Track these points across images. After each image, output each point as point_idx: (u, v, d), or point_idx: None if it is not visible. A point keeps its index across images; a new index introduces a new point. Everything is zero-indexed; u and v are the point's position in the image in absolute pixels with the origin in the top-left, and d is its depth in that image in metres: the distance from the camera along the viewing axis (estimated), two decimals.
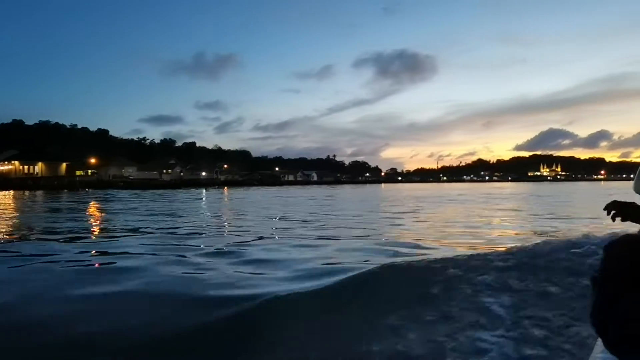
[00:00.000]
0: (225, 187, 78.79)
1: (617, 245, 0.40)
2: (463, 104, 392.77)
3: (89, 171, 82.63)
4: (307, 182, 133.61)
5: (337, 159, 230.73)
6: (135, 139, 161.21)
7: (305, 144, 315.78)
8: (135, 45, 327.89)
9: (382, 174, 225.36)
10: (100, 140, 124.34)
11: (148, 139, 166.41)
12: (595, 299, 0.38)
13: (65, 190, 49.15)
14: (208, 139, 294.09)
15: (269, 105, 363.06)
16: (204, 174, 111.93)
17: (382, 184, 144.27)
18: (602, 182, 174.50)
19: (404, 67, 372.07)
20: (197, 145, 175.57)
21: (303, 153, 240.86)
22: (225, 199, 37.07)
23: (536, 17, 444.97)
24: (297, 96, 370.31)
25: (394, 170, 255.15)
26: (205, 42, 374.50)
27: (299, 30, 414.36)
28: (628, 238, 0.40)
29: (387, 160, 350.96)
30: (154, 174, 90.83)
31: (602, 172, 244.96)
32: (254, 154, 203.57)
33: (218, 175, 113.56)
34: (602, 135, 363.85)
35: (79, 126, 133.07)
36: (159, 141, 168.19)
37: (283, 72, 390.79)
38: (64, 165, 67.42)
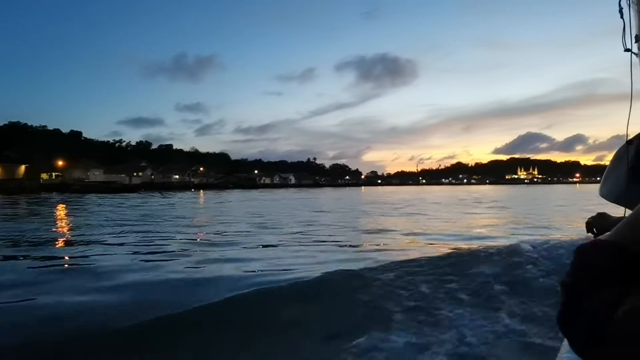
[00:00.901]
0: (201, 190, 77.12)
1: (586, 249, 0.45)
2: (443, 108, 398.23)
3: (54, 174, 80.00)
4: (284, 185, 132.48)
5: (318, 162, 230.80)
6: (110, 141, 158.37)
7: (288, 147, 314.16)
8: (115, 46, 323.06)
9: (363, 177, 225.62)
10: (72, 142, 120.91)
11: (125, 141, 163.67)
12: (563, 301, 0.42)
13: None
14: (189, 142, 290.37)
15: (250, 107, 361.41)
16: (177, 176, 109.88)
17: (363, 187, 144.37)
18: (577, 184, 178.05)
19: (386, 71, 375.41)
20: (175, 147, 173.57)
21: (285, 156, 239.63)
22: (175, 204, 35.57)
23: (515, 23, 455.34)
24: (279, 99, 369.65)
25: (374, 173, 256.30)
26: (186, 44, 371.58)
27: (281, 33, 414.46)
28: (597, 242, 0.45)
29: (368, 163, 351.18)
30: (122, 177, 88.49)
31: (577, 175, 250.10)
32: (235, 156, 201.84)
33: (191, 178, 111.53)
34: (578, 139, 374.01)
35: (50, 127, 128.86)
36: (134, 143, 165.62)
37: (265, 75, 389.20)
38: (22, 167, 64.94)
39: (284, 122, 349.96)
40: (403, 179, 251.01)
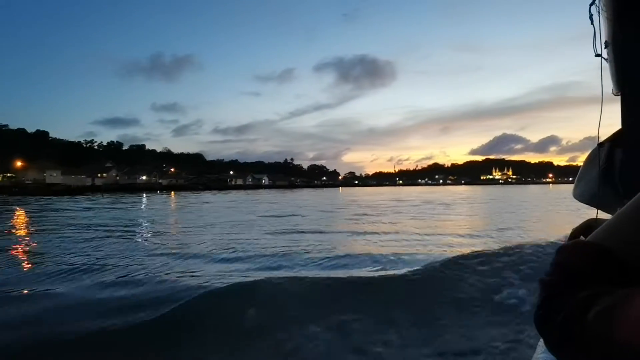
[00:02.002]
0: (169, 192, 74.79)
1: (566, 250, 0.44)
2: (421, 110, 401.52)
3: (9, 175, 76.45)
4: (257, 186, 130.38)
5: (295, 162, 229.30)
6: (82, 141, 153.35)
7: (266, 147, 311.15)
8: (90, 45, 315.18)
9: (340, 177, 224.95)
10: (37, 143, 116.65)
11: (96, 142, 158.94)
12: (540, 299, 0.42)
13: None
14: (165, 142, 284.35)
15: (228, 108, 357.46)
16: (144, 177, 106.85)
17: (340, 188, 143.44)
18: (550, 185, 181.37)
19: (364, 72, 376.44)
20: (148, 148, 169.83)
21: (264, 157, 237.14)
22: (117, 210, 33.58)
23: (490, 27, 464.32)
24: (258, 99, 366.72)
25: (352, 174, 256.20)
26: (163, 43, 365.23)
27: (260, 33, 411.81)
28: (578, 243, 0.45)
29: (348, 165, 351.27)
30: (82, 178, 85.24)
31: (551, 175, 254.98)
32: (213, 157, 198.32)
33: (158, 179, 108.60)
34: (552, 140, 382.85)
35: (13, 127, 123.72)
36: (106, 144, 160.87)
37: (243, 75, 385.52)
38: None
39: (263, 122, 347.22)
40: (380, 179, 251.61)
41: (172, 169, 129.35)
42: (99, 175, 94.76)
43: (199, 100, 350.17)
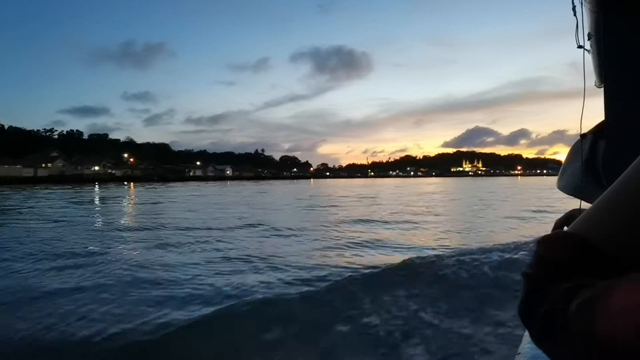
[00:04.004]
0: (117, 184, 71.60)
1: (547, 241, 0.44)
2: (396, 102, 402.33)
3: None
4: (220, 177, 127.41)
5: (268, 153, 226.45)
6: (41, 130, 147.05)
7: (241, 138, 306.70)
8: (56, 30, 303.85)
9: (312, 169, 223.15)
10: None
11: (57, 131, 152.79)
12: (524, 292, 0.42)
13: None
14: (136, 132, 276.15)
15: (202, 97, 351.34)
16: (96, 168, 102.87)
17: (312, 180, 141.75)
18: (519, 177, 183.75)
19: (341, 63, 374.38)
20: (111, 137, 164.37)
21: (239, 148, 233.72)
22: None
23: (463, 21, 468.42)
24: (232, 89, 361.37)
25: (325, 165, 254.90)
26: (133, 30, 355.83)
27: (234, 20, 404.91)
28: (559, 234, 0.45)
29: (323, 156, 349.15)
30: (18, 169, 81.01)
31: (519, 167, 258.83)
32: (187, 147, 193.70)
33: (111, 169, 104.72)
34: (522, 133, 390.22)
35: None
36: (66, 133, 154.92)
37: (217, 63, 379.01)
38: None
39: (237, 113, 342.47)
40: (352, 171, 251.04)
41: (132, 160, 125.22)
42: (44, 165, 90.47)
43: (172, 89, 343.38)
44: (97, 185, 66.59)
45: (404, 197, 31.89)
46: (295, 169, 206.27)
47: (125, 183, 79.66)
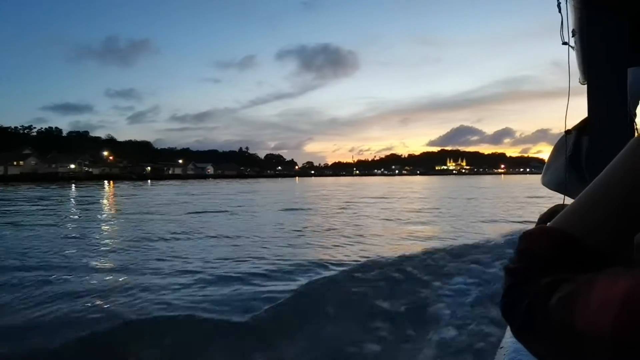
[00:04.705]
0: (103, 182, 70.11)
1: (530, 236, 0.44)
2: (381, 101, 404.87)
3: None
4: (200, 176, 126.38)
5: (253, 152, 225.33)
6: (19, 127, 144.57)
7: (226, 136, 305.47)
8: (38, 26, 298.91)
9: (297, 167, 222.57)
10: None
11: (35, 128, 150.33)
12: (505, 286, 0.42)
13: None
14: (120, 130, 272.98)
15: (187, 94, 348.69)
16: (72, 166, 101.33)
17: (297, 178, 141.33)
18: (502, 175, 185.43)
19: (327, 61, 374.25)
20: (91, 135, 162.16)
21: (224, 146, 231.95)
22: None
23: (449, 21, 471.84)
24: (217, 86, 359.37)
25: (310, 163, 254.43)
26: (117, 26, 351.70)
27: (220, 17, 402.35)
28: (541, 229, 0.45)
29: (309, 154, 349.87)
30: None
31: (503, 166, 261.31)
32: (171, 145, 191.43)
33: (87, 167, 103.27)
34: (506, 132, 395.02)
35: None
36: (44, 130, 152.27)
37: (202, 60, 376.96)
38: None
39: (222, 110, 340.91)
40: (337, 170, 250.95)
41: (111, 157, 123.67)
42: (15, 163, 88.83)
43: (156, 86, 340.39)
44: (71, 183, 65.54)
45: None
46: (280, 167, 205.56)
47: (106, 182, 78.28)
